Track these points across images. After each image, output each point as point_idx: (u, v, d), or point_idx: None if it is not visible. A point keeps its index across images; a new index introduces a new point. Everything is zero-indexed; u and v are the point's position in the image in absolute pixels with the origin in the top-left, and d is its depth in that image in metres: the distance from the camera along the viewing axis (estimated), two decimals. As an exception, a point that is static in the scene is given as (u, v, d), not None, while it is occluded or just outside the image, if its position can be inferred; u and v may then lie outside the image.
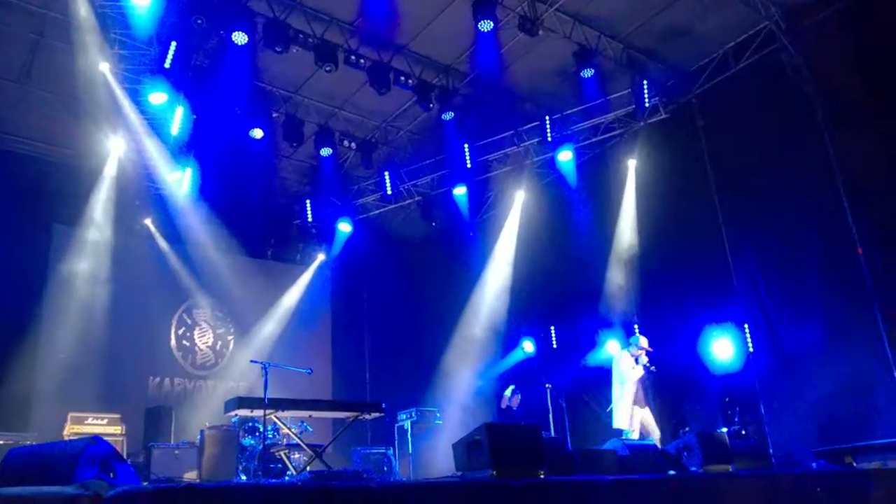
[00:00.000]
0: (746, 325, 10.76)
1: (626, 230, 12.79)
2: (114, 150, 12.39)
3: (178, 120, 11.29)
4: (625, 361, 9.72)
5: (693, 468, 7.33)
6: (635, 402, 9.56)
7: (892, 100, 9.28)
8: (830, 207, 9.88)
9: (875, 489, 6.73)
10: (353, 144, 13.26)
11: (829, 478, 7.12)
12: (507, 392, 12.18)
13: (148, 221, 13.86)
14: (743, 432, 10.15)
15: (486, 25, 10.11)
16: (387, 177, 13.95)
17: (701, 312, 11.30)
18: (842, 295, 9.74)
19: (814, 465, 8.70)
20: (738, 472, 7.45)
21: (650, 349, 9.70)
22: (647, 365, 9.61)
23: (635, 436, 9.35)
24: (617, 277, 12.68)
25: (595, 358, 12.10)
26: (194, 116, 11.41)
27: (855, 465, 8.56)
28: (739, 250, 11.13)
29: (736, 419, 10.33)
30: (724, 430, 8.85)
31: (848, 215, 9.68)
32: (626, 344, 10.02)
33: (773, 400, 10.34)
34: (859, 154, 9.69)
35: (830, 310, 9.84)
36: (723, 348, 10.94)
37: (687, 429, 10.44)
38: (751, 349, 10.65)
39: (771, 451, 10.02)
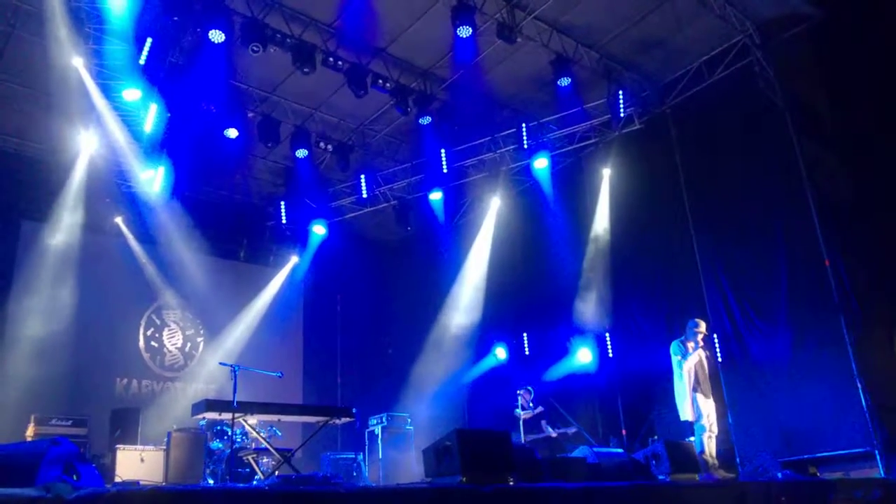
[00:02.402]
0: (715, 336, 10.87)
1: (600, 239, 12.89)
2: (85, 147, 12.18)
3: (151, 117, 11.15)
4: (680, 351, 9.00)
5: (661, 476, 7.39)
6: (698, 391, 8.82)
7: (860, 115, 9.49)
8: (800, 220, 10.05)
9: (837, 499, 6.83)
10: (330, 146, 13.18)
11: (794, 487, 7.22)
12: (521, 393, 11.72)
13: (119, 220, 13.67)
14: (711, 441, 10.23)
15: (464, 31, 10.12)
16: (363, 180, 13.89)
17: (671, 321, 11.42)
18: (809, 306, 9.91)
19: (779, 474, 8.82)
20: (705, 480, 7.53)
21: (707, 333, 9.09)
22: (703, 349, 8.91)
23: (706, 424, 8.69)
24: (590, 285, 12.76)
25: (561, 368, 12.13)
26: (168, 114, 11.27)
27: (819, 475, 8.69)
28: (710, 261, 11.27)
29: (704, 428, 10.41)
30: (692, 439, 8.91)
31: (817, 228, 9.84)
32: (684, 331, 9.20)
33: (740, 410, 10.46)
34: (828, 167, 9.88)
35: (797, 321, 10.00)
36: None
37: (656, 437, 10.50)
38: (719, 359, 10.76)
39: (738, 460, 10.14)
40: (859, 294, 9.39)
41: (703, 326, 9.06)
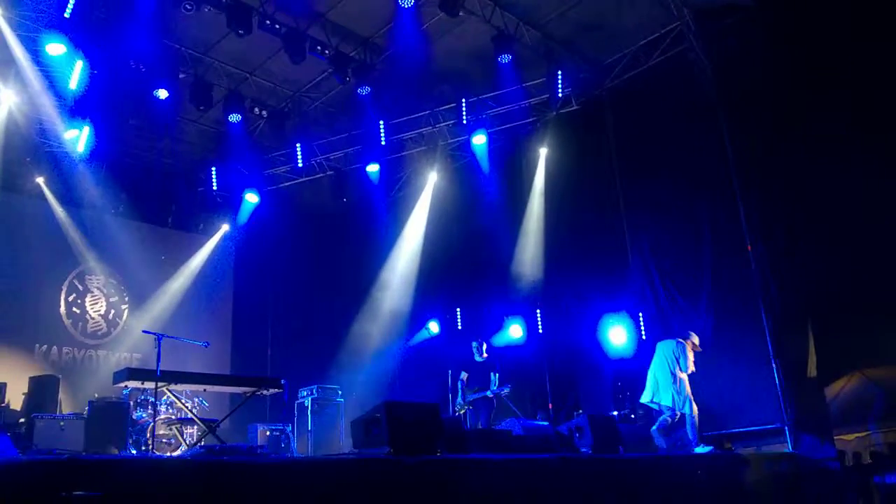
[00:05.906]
0: (641, 314, 11.21)
1: (534, 217, 13.05)
2: (4, 102, 11.57)
3: (77, 74, 10.63)
4: (689, 353, 9.33)
5: (584, 449, 7.59)
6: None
7: (787, 106, 9.80)
8: (725, 205, 10.37)
9: (749, 472, 7.16)
10: (265, 113, 12.85)
11: (710, 461, 7.53)
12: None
13: (40, 180, 13.09)
14: (632, 416, 10.57)
15: (406, 1, 10.00)
16: (298, 148, 13.63)
17: (600, 300, 11.71)
18: (731, 289, 10.27)
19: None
20: (626, 453, 7.77)
21: (699, 349, 9.49)
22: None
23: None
24: (523, 263, 12.92)
25: (493, 343, 12.27)
26: (95, 72, 10.77)
27: (733, 449, 9.08)
28: (638, 242, 11.54)
29: (627, 403, 10.75)
30: (615, 413, 9.17)
31: (741, 214, 10.17)
32: (685, 336, 9.52)
33: (662, 386, 10.79)
34: (754, 156, 10.20)
35: (719, 304, 10.36)
36: (617, 335, 11.36)
37: (580, 411, 10.76)
38: (644, 337, 11.08)
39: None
40: (779, 280, 9.77)
41: (696, 339, 9.48)
